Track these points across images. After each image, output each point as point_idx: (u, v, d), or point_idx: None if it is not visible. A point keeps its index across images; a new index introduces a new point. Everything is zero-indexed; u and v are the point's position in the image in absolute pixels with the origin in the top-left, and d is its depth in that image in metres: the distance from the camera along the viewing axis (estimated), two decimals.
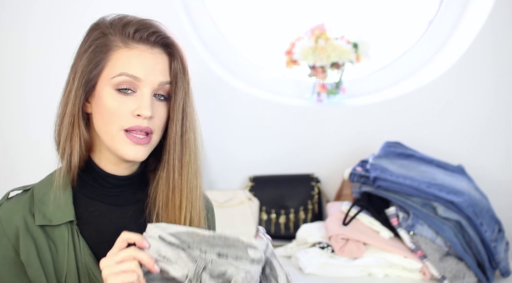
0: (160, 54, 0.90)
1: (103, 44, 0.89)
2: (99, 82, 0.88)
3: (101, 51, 0.88)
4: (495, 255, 1.49)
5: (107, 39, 0.89)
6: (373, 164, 1.59)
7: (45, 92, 1.76)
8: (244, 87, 1.93)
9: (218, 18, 1.96)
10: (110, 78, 0.87)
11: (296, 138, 1.93)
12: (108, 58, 0.88)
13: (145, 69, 0.87)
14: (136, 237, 0.80)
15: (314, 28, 1.91)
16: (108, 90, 0.87)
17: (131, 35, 0.88)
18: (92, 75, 0.88)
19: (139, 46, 0.88)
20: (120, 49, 0.88)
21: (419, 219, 1.49)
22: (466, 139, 1.91)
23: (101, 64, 0.88)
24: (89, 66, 0.88)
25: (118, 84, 0.87)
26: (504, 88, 1.90)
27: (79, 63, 0.89)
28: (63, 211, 0.89)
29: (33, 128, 1.77)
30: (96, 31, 0.91)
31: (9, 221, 0.89)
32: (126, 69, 0.87)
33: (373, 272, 1.51)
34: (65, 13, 1.74)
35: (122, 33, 0.89)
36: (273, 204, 1.85)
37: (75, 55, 0.91)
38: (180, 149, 0.91)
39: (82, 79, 0.88)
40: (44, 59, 1.76)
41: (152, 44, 0.89)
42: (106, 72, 0.88)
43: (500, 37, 1.87)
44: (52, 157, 0.93)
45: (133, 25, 0.89)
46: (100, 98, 0.88)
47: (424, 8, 2.07)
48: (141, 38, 0.89)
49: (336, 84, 1.95)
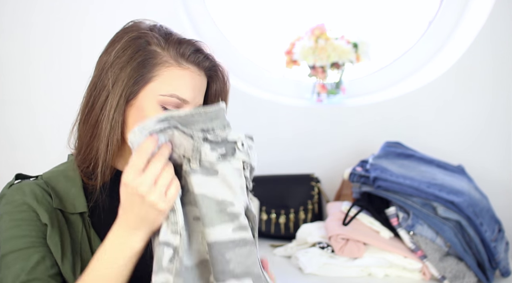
0: (203, 76, 0.93)
1: (150, 56, 0.88)
2: (142, 93, 0.88)
3: (148, 63, 0.88)
4: (495, 255, 1.49)
5: (155, 52, 0.89)
6: (373, 164, 1.59)
7: (49, 90, 1.77)
8: (244, 87, 1.94)
9: (218, 18, 1.96)
10: (158, 94, 0.88)
11: (296, 138, 1.94)
12: (156, 73, 0.88)
13: (193, 92, 0.90)
14: (149, 144, 0.77)
15: (314, 28, 1.91)
16: (153, 104, 0.88)
17: (187, 56, 0.90)
18: (136, 87, 0.88)
19: (191, 67, 0.90)
20: (172, 67, 0.89)
21: (419, 219, 1.49)
22: (466, 139, 1.92)
23: (147, 77, 0.88)
24: (133, 77, 0.88)
25: (165, 103, 0.88)
26: (504, 88, 1.90)
27: (120, 71, 0.88)
28: (76, 202, 0.90)
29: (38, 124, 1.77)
30: (139, 40, 0.89)
31: (30, 191, 0.88)
32: (177, 92, 0.88)
33: (373, 272, 1.51)
34: (68, 11, 1.74)
35: (177, 50, 0.89)
36: (273, 204, 1.85)
37: (111, 59, 0.89)
38: None
39: (126, 89, 0.88)
40: (47, 57, 1.76)
41: (201, 67, 0.92)
42: (153, 86, 0.88)
43: (500, 37, 1.87)
44: (56, 150, 0.93)
45: (189, 45, 0.91)
46: (141, 109, 0.88)
47: (424, 8, 2.07)
48: (195, 60, 0.90)
49: (336, 84, 1.95)
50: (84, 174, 0.92)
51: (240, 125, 1.90)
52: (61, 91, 1.75)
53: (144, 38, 0.89)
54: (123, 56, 0.88)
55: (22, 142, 1.76)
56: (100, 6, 1.74)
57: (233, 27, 2.02)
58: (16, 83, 1.75)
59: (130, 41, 0.89)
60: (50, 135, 1.74)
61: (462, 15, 1.97)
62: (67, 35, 1.75)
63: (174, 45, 0.89)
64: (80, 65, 1.71)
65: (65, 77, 1.74)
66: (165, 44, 0.89)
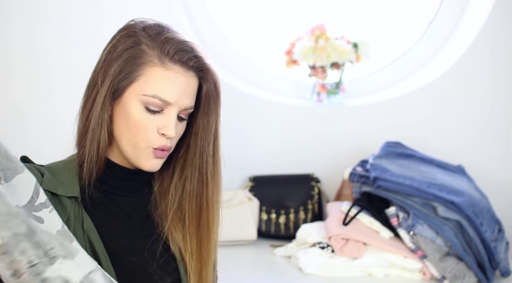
0: (192, 77, 0.91)
1: (137, 55, 0.88)
2: (128, 92, 0.89)
3: (134, 62, 0.88)
4: (495, 255, 1.49)
5: (142, 51, 0.88)
6: (373, 164, 1.59)
7: (51, 89, 1.77)
8: (244, 87, 1.93)
9: (218, 18, 1.96)
10: (141, 94, 0.88)
11: (296, 138, 1.93)
12: (141, 72, 0.88)
13: (177, 93, 0.89)
14: None
15: (314, 28, 1.91)
16: (136, 104, 0.88)
17: (171, 55, 0.88)
18: (122, 85, 0.88)
19: (176, 67, 0.89)
20: (156, 67, 0.88)
21: (419, 219, 1.49)
22: (466, 139, 1.92)
23: (132, 76, 0.88)
24: (119, 75, 0.88)
25: (148, 103, 0.88)
26: (503, 88, 1.90)
27: (108, 68, 0.89)
28: (69, 187, 0.91)
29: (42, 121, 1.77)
30: (130, 39, 0.89)
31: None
32: (159, 93, 0.88)
33: (373, 272, 1.51)
34: (67, 9, 1.74)
35: (161, 50, 0.88)
36: (273, 204, 1.85)
37: (104, 57, 0.90)
38: (212, 167, 0.98)
39: (111, 87, 0.88)
40: (50, 56, 1.76)
41: (188, 67, 0.90)
42: (137, 85, 0.88)
43: (499, 38, 1.87)
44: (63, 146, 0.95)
45: (174, 44, 0.89)
46: (126, 108, 0.89)
47: (424, 8, 2.07)
48: (179, 60, 0.89)
49: (336, 84, 1.95)
50: (79, 167, 0.94)
51: (240, 125, 1.90)
52: (62, 89, 1.75)
53: (134, 36, 0.89)
54: (114, 53, 0.89)
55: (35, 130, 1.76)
56: (99, 6, 1.75)
57: (233, 27, 2.02)
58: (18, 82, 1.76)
59: (121, 39, 0.90)
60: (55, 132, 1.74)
61: (462, 15, 1.97)
62: (67, 34, 1.75)
63: (160, 44, 0.88)
64: (79, 66, 1.71)
65: (65, 77, 1.74)
66: (151, 43, 0.88)
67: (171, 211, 0.98)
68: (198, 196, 0.97)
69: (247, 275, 1.53)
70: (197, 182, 0.97)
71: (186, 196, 0.98)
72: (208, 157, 0.96)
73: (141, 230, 0.96)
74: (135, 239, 0.95)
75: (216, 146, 0.98)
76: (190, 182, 0.97)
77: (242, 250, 1.73)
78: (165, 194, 1.00)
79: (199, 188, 0.97)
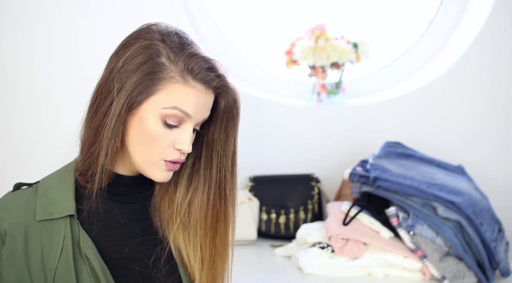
0: (211, 94, 0.90)
1: (157, 69, 0.86)
2: (145, 105, 0.86)
3: (154, 77, 0.86)
4: (495, 255, 1.49)
5: (163, 65, 0.86)
6: (373, 164, 1.59)
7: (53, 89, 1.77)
8: (244, 87, 1.94)
9: (218, 18, 1.96)
10: (160, 107, 0.86)
11: (296, 138, 1.94)
12: (161, 87, 0.86)
13: (197, 108, 0.88)
14: None
15: (314, 28, 1.91)
16: (154, 118, 0.86)
17: (195, 74, 0.86)
18: (140, 98, 0.86)
19: (198, 86, 0.87)
20: (177, 83, 0.86)
21: (419, 219, 1.49)
22: (466, 139, 1.92)
23: (151, 89, 0.86)
24: (137, 88, 0.86)
25: (167, 116, 0.86)
26: (503, 88, 1.90)
27: (126, 79, 0.86)
28: (65, 205, 0.90)
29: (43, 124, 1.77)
30: (148, 50, 0.86)
31: (7, 214, 0.90)
32: (180, 105, 0.86)
33: (373, 272, 1.51)
34: (66, 9, 1.74)
35: (185, 67, 0.86)
36: (273, 204, 1.85)
37: (120, 64, 0.87)
38: (231, 182, 0.97)
39: (129, 98, 0.86)
40: (51, 55, 1.76)
41: (210, 86, 0.89)
42: (156, 99, 0.86)
43: (499, 38, 1.87)
44: (60, 152, 0.94)
45: (198, 63, 0.87)
46: (143, 121, 0.87)
47: (424, 8, 2.07)
48: (202, 79, 0.87)
49: (336, 84, 1.95)
50: (82, 177, 0.92)
51: (240, 125, 1.90)
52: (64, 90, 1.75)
53: (155, 48, 0.86)
54: (131, 64, 0.86)
55: (27, 142, 1.76)
56: (98, 6, 1.74)
57: (233, 27, 2.02)
58: (21, 82, 1.76)
59: (140, 49, 0.87)
60: (55, 135, 1.74)
61: (461, 16, 1.97)
62: (67, 35, 1.74)
63: (184, 60, 0.86)
64: (80, 65, 1.71)
65: (65, 76, 1.74)
66: (174, 57, 0.86)
67: (177, 220, 0.97)
68: (215, 209, 0.97)
69: (247, 275, 1.53)
70: (213, 195, 0.96)
71: (198, 207, 0.97)
72: (226, 173, 0.96)
73: (144, 237, 0.95)
74: (139, 246, 0.94)
75: (234, 161, 0.97)
76: (203, 193, 0.97)
77: (242, 250, 1.73)
78: (170, 200, 0.99)
79: (216, 202, 0.97)
